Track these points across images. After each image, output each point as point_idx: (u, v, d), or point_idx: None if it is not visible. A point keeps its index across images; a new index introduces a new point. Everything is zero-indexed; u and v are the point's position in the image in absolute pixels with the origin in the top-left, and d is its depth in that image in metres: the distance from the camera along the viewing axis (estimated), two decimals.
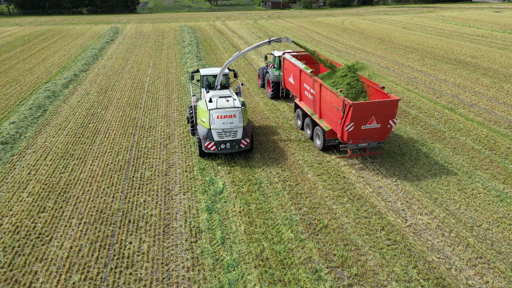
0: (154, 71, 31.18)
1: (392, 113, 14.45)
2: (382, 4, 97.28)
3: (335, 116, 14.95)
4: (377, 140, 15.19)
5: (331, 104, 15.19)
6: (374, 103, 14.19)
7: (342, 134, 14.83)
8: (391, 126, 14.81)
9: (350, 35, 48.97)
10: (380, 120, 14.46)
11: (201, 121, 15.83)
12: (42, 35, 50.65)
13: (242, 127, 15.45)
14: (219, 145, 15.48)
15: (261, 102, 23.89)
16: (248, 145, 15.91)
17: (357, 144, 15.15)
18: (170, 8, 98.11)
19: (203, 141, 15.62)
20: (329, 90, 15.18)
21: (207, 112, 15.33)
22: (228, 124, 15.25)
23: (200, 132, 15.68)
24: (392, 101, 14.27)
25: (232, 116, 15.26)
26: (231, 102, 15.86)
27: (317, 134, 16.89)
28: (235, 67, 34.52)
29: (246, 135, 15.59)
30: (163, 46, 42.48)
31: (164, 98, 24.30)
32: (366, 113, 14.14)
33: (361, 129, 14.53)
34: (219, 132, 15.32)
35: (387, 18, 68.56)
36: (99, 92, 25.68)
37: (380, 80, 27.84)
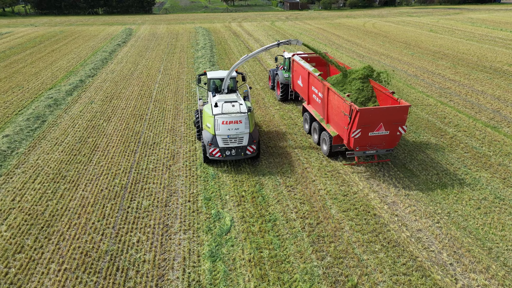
0: (164, 77, 29.37)
1: (401, 120, 13.81)
2: (405, 5, 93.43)
3: (342, 122, 14.44)
4: (385, 147, 14.57)
5: (338, 108, 14.66)
6: (383, 109, 13.58)
7: (349, 140, 14.29)
8: (400, 133, 14.18)
9: (372, 38, 46.26)
10: (388, 127, 13.85)
11: (206, 126, 15.36)
12: (55, 37, 49.71)
13: (248, 133, 14.89)
14: (224, 152, 14.93)
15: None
16: (255, 151, 15.33)
17: (365, 151, 14.56)
18: (186, 9, 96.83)
19: (207, 147, 15.06)
20: (336, 94, 14.64)
21: (212, 117, 14.84)
22: (234, 130, 14.71)
23: (205, 137, 15.19)
24: (402, 107, 13.58)
25: (238, 122, 14.72)
26: (237, 107, 15.28)
27: (324, 140, 16.34)
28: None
29: (252, 142, 15.04)
30: (175, 49, 40.74)
31: (172, 109, 22.38)
32: (374, 119, 13.57)
33: (369, 136, 13.94)
34: (224, 138, 14.78)
35: (411, 20, 65.31)
36: (103, 101, 23.96)
37: (409, 91, 25.28)
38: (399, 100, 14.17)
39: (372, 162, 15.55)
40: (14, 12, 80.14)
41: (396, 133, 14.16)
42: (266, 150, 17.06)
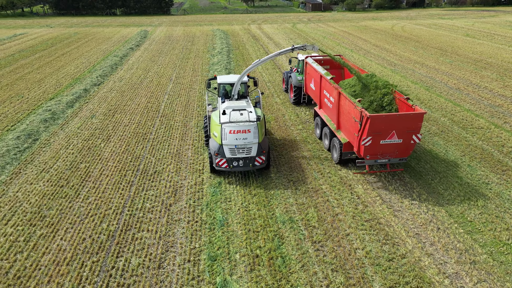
0: (175, 87, 26.80)
1: (416, 128, 13.08)
2: (434, 7, 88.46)
3: (353, 128, 13.82)
4: (398, 156, 13.84)
5: (349, 114, 14.05)
6: (395, 116, 12.93)
7: (359, 148, 13.59)
8: (414, 142, 13.42)
9: (403, 43, 42.58)
10: (402, 135, 13.15)
11: (213, 135, 14.60)
12: (68, 39, 48.09)
13: (257, 143, 14.06)
14: (231, 163, 14.13)
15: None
16: (264, 163, 14.50)
17: (376, 160, 13.89)
18: (205, 9, 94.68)
19: (214, 158, 14.26)
20: (347, 99, 14.05)
21: (219, 126, 14.07)
22: (242, 140, 13.87)
23: (211, 147, 14.46)
24: (416, 115, 12.87)
25: (246, 131, 13.86)
26: (245, 115, 14.43)
27: (334, 146, 15.72)
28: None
29: (261, 152, 14.22)
30: (190, 54, 38.22)
31: (180, 127, 19.72)
32: (385, 127, 12.87)
33: (380, 144, 13.26)
34: (232, 148, 13.96)
35: (443, 23, 60.95)
36: (105, 115, 21.53)
37: (453, 108, 21.84)
38: (413, 107, 13.28)
39: (384, 172, 14.66)
40: (32, 13, 79.78)
41: (410, 142, 13.38)
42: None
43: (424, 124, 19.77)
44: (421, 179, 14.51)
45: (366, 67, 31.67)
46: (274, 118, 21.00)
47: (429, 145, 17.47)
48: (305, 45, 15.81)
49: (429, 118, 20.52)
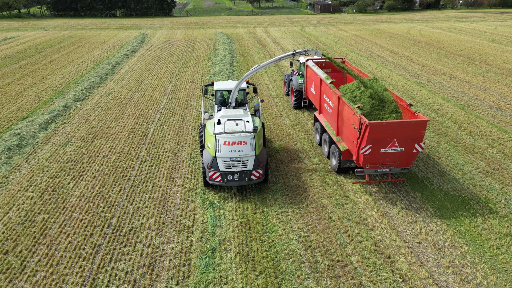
0: (168, 103, 23.32)
1: (418, 136, 12.54)
2: (449, 8, 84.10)
3: (352, 136, 13.29)
4: (400, 166, 13.30)
5: (348, 121, 13.62)
6: (396, 124, 12.28)
7: (358, 157, 13.04)
8: (417, 151, 12.87)
9: (424, 50, 38.76)
10: (403, 143, 12.61)
11: (207, 146, 13.68)
12: (60, 43, 44.85)
13: (253, 156, 13.16)
14: (226, 177, 13.22)
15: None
16: (261, 177, 13.55)
17: (376, 170, 13.31)
18: (209, 11, 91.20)
19: (207, 170, 13.35)
20: (346, 105, 13.57)
21: (213, 136, 13.19)
22: (237, 152, 12.97)
23: (205, 159, 13.50)
24: (418, 122, 12.32)
25: (242, 143, 12.98)
26: (241, 126, 13.57)
27: (333, 153, 15.18)
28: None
29: (258, 166, 13.26)
30: (189, 62, 34.74)
31: (170, 159, 16.23)
32: (386, 135, 12.32)
33: (380, 153, 12.73)
34: (226, 161, 13.04)
35: (463, 26, 56.93)
36: (83, 140, 18.11)
37: (500, 136, 18.12)
38: (416, 114, 12.80)
39: (385, 181, 14.14)
40: (29, 14, 76.78)
41: (412, 151, 12.86)
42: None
43: (469, 157, 16.13)
44: None
45: (386, 79, 28.02)
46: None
47: (483, 190, 13.81)
48: (308, 50, 14.84)
49: (474, 150, 16.84)
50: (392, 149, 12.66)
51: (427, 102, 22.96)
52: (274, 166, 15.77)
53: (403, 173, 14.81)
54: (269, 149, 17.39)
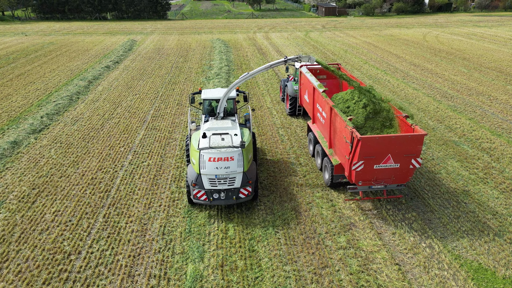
0: (146, 137, 18.56)
1: (415, 151, 11.47)
2: (462, 11, 79.19)
3: (344, 149, 12.21)
4: (396, 182, 12.24)
5: (340, 133, 12.55)
6: (390, 138, 11.32)
7: (350, 173, 11.96)
8: (414, 166, 11.81)
9: (447, 61, 33.95)
10: (399, 159, 11.56)
11: (191, 162, 12.52)
12: (37, 51, 40.02)
13: (241, 173, 12.02)
14: (211, 195, 12.05)
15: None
16: (250, 194, 12.32)
17: (370, 186, 12.26)
18: (206, 14, 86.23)
19: (191, 188, 12.14)
20: (338, 116, 12.53)
21: (197, 152, 12.02)
22: (223, 169, 11.77)
23: (189, 175, 12.32)
24: (415, 137, 11.33)
25: (229, 158, 11.79)
26: (227, 140, 12.41)
27: (326, 167, 14.05)
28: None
29: (247, 183, 12.13)
30: (179, 77, 29.96)
31: (134, 235, 11.46)
32: (380, 150, 11.33)
33: (374, 169, 11.70)
34: (212, 178, 11.88)
35: (482, 32, 52.09)
36: (22, 200, 13.31)
37: None
38: (413, 127, 11.83)
39: (380, 198, 13.02)
40: (14, 17, 71.79)
41: (408, 167, 11.85)
42: None
43: None
44: None
45: (413, 101, 23.25)
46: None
47: None
48: (300, 56, 13.98)
49: None
50: (387, 165, 11.81)
51: (472, 136, 18.20)
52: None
53: (400, 190, 13.85)
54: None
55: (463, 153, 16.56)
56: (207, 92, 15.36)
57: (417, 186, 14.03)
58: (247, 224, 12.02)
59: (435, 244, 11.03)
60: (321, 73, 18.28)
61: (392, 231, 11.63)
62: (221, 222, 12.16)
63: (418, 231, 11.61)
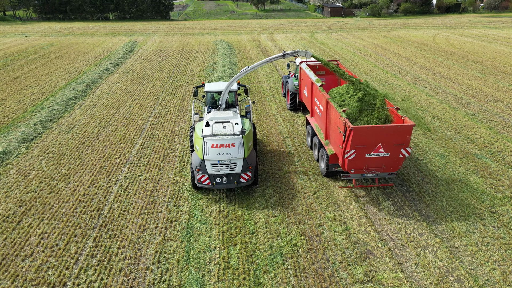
0: (144, 147, 17.39)
1: (404, 141, 12.22)
2: (471, 12, 77.49)
3: (338, 140, 12.97)
4: (387, 171, 12.97)
5: (335, 124, 13.32)
6: (381, 128, 12.05)
7: (343, 161, 12.73)
8: (404, 156, 12.52)
9: (460, 64, 32.57)
10: (389, 148, 12.29)
11: (195, 149, 13.45)
12: (36, 53, 39.01)
13: (242, 159, 12.87)
14: (214, 179, 12.98)
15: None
16: (250, 179, 13.20)
17: (362, 174, 13.06)
18: (210, 14, 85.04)
19: (195, 173, 13.17)
20: (333, 108, 13.28)
21: (201, 139, 12.92)
22: (225, 155, 12.67)
23: (193, 161, 13.31)
24: (404, 127, 12.02)
25: (230, 145, 12.69)
26: (229, 128, 13.34)
27: (322, 157, 14.87)
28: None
29: (247, 168, 12.98)
30: (181, 80, 28.83)
31: (126, 263, 10.29)
32: (370, 139, 12.10)
33: (365, 158, 12.44)
34: (214, 164, 12.77)
35: (494, 33, 50.54)
36: (7, 220, 12.14)
37: None
38: (403, 118, 12.46)
39: (372, 186, 13.82)
40: (15, 17, 70.91)
41: (398, 156, 12.56)
42: None
43: None
44: None
45: (427, 108, 21.95)
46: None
47: None
48: (298, 51, 14.82)
49: None
50: (378, 153, 12.50)
51: (493, 148, 16.89)
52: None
53: (391, 178, 14.44)
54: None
55: (486, 168, 15.26)
56: (210, 85, 16.17)
57: (440, 207, 12.76)
58: (252, 251, 10.83)
59: (464, 278, 9.79)
60: (320, 70, 19.07)
61: (415, 261, 10.39)
62: (223, 247, 10.98)
63: (444, 260, 10.37)
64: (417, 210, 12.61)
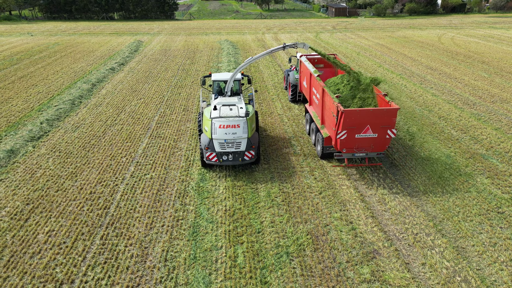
0: (150, 146, 17.45)
1: (390, 123, 13.73)
2: (476, 12, 77.06)
3: (332, 123, 14.39)
4: (375, 150, 14.51)
5: (329, 109, 14.67)
6: (369, 111, 13.54)
7: (336, 141, 14.24)
8: (390, 136, 14.06)
9: (466, 65, 32.42)
10: (376, 129, 13.80)
11: (204, 130, 15.02)
12: (42, 52, 39.23)
13: (246, 138, 14.44)
14: (221, 157, 14.53)
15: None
16: (253, 157, 14.82)
17: (353, 154, 14.61)
18: (214, 13, 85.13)
19: (204, 151, 14.67)
20: (328, 95, 14.69)
21: (209, 120, 14.44)
22: (231, 134, 14.27)
23: (202, 141, 14.89)
24: (389, 110, 13.52)
25: (236, 126, 14.25)
26: (235, 110, 14.82)
27: (318, 140, 16.39)
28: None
29: (250, 147, 14.57)
30: (186, 79, 28.90)
31: (133, 261, 10.33)
32: (360, 121, 13.58)
33: (355, 138, 13.97)
34: (221, 142, 14.36)
35: (499, 34, 50.24)
36: (15, 217, 12.23)
37: None
38: (390, 103, 13.89)
39: (362, 165, 15.15)
40: (20, 16, 71.27)
41: (385, 137, 13.99)
42: None
43: None
44: None
45: (433, 108, 21.87)
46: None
47: None
48: (296, 43, 16.36)
49: None
50: (366, 134, 13.84)
51: (500, 148, 16.80)
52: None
53: (379, 158, 15.88)
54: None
55: (492, 168, 15.19)
56: (216, 75, 17.84)
57: (446, 207, 12.72)
58: (258, 250, 10.84)
59: (471, 278, 9.75)
60: (319, 63, 20.50)
61: (422, 261, 10.37)
62: (230, 246, 11.00)
63: (451, 261, 10.33)
64: (423, 210, 12.57)
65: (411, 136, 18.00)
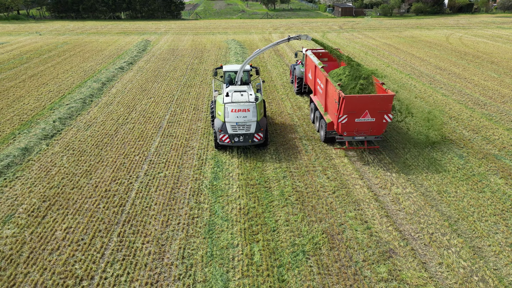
0: (162, 144, 17.56)
1: (386, 109, 15.08)
2: (483, 12, 76.67)
3: (334, 109, 15.67)
4: (373, 134, 15.81)
5: (332, 97, 15.97)
6: (367, 97, 14.89)
7: (337, 125, 15.61)
8: (386, 121, 15.40)
9: (475, 65, 32.31)
10: (374, 114, 15.13)
11: (217, 114, 16.45)
12: (51, 51, 39.51)
13: (255, 122, 15.88)
14: (233, 138, 15.93)
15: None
16: (262, 139, 16.26)
17: (353, 137, 15.91)
18: (220, 13, 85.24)
19: (218, 134, 16.11)
20: (331, 84, 16.06)
21: (223, 105, 15.90)
22: (242, 118, 15.75)
23: (216, 124, 16.27)
24: (385, 96, 14.86)
25: (246, 110, 15.74)
26: (245, 96, 16.38)
27: (321, 126, 17.64)
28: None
29: (259, 130, 16.01)
30: (195, 78, 29.01)
31: (151, 258, 10.43)
32: (359, 107, 14.92)
33: (355, 122, 15.28)
34: (233, 125, 15.83)
35: (508, 34, 49.89)
36: (32, 215, 12.38)
37: None
38: (386, 90, 15.22)
39: (361, 148, 16.63)
40: (29, 16, 71.82)
41: (382, 121, 15.39)
42: None
43: None
44: None
45: (444, 108, 21.83)
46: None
47: None
48: (300, 36, 18.06)
49: None
50: (365, 119, 15.22)
51: None
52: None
53: (377, 141, 17.13)
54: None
55: (506, 169, 15.16)
56: (227, 66, 19.43)
57: (461, 207, 12.72)
58: (274, 248, 10.91)
59: (489, 278, 9.77)
60: (323, 56, 21.93)
61: (438, 261, 10.39)
62: (246, 244, 11.07)
63: (468, 260, 10.35)
64: (438, 210, 12.58)
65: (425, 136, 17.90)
